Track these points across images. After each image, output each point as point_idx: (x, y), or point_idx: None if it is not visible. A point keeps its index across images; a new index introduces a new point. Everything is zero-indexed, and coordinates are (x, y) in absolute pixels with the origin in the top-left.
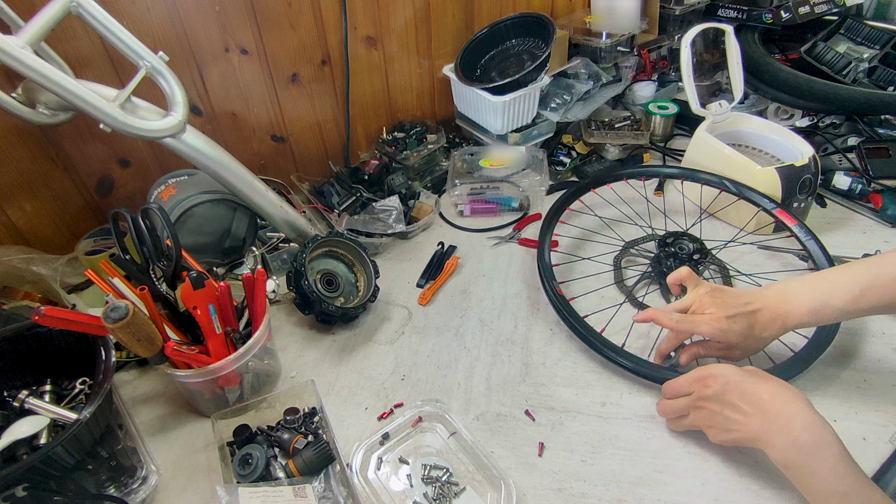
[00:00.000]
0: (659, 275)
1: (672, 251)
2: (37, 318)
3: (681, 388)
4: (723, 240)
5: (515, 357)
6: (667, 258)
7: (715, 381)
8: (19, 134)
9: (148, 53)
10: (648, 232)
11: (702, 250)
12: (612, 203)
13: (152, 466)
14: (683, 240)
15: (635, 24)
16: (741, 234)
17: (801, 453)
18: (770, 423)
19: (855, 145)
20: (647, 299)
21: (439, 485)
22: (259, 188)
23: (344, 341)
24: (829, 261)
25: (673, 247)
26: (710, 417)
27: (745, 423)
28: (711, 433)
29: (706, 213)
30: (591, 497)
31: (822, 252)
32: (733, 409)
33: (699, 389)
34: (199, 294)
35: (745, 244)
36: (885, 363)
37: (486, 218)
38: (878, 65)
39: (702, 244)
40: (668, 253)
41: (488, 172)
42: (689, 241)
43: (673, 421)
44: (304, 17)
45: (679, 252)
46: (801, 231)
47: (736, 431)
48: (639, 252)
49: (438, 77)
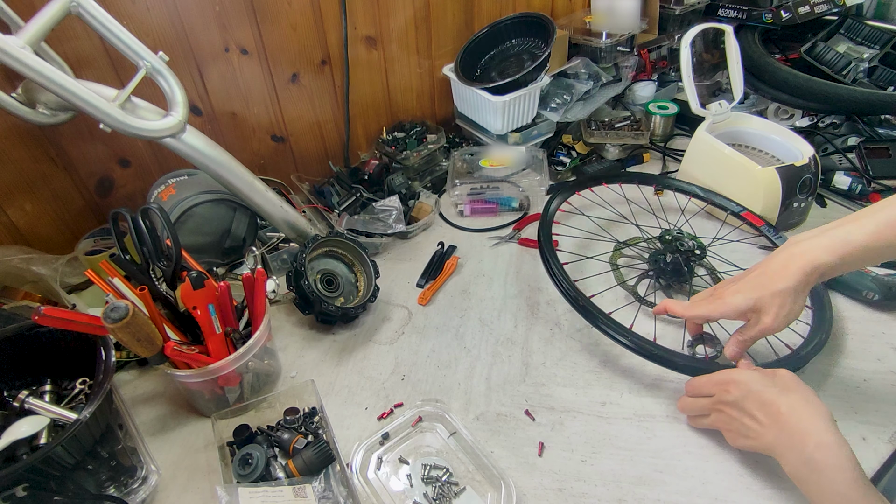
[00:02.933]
0: (658, 273)
1: (674, 247)
2: (37, 318)
3: (703, 387)
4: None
5: (515, 357)
6: (671, 254)
7: (736, 387)
8: (19, 134)
9: (148, 53)
10: (649, 232)
11: (700, 247)
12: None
13: (152, 466)
14: (682, 237)
15: (635, 24)
16: (730, 232)
17: (812, 473)
18: (784, 438)
19: (855, 145)
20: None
21: (439, 485)
22: (259, 188)
23: (344, 341)
24: None
25: (673, 244)
26: (728, 422)
27: (761, 433)
28: (729, 436)
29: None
30: (591, 497)
31: None
32: (751, 418)
33: (720, 393)
34: (199, 294)
35: (733, 241)
36: (885, 363)
37: (486, 218)
38: (878, 65)
39: (700, 242)
40: (669, 249)
41: (488, 172)
42: (688, 239)
43: (693, 419)
44: (304, 17)
45: (680, 248)
46: (769, 231)
47: (752, 439)
48: (637, 253)
49: (438, 77)
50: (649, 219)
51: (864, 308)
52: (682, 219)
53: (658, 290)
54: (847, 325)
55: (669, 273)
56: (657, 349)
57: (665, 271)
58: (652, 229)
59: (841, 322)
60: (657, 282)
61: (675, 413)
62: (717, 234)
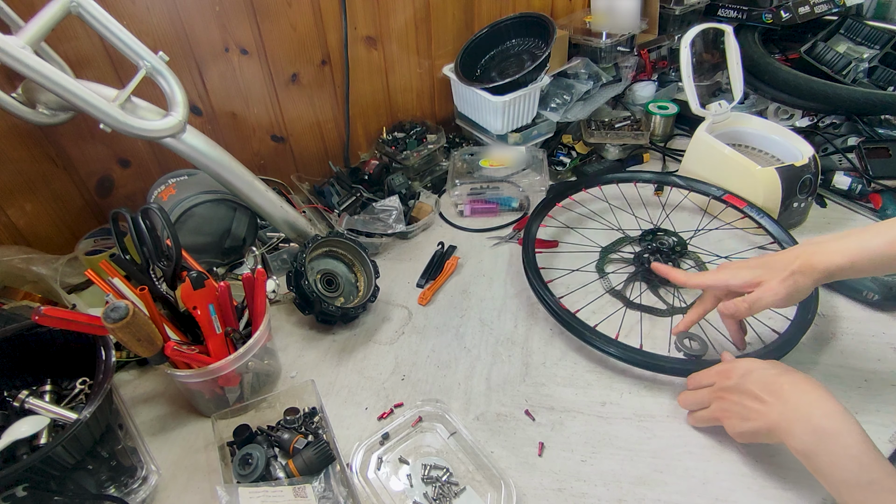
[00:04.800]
0: (645, 274)
1: (654, 247)
2: (37, 318)
3: (703, 378)
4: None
5: (515, 357)
6: (651, 254)
7: (736, 371)
8: (19, 134)
9: (148, 53)
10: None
11: (681, 243)
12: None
13: (152, 466)
14: (662, 235)
15: (635, 24)
16: (712, 221)
17: (821, 441)
18: (790, 412)
19: (855, 145)
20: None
21: (439, 485)
22: (259, 188)
23: (344, 341)
24: (788, 235)
25: (653, 243)
26: (728, 407)
27: (765, 411)
28: (729, 424)
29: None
30: (591, 497)
31: (777, 227)
32: (753, 399)
33: (721, 380)
34: (199, 294)
35: (713, 229)
36: (885, 363)
37: (487, 218)
38: (878, 65)
39: (679, 237)
40: (651, 249)
41: (488, 172)
42: (667, 236)
43: (692, 415)
44: (304, 17)
45: (660, 247)
46: (752, 211)
47: (754, 420)
48: (622, 257)
49: (438, 77)
50: (633, 219)
51: (864, 308)
52: (671, 213)
53: (646, 291)
54: (847, 326)
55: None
56: (643, 356)
57: (651, 271)
58: (636, 231)
59: (841, 322)
60: (645, 282)
61: (676, 413)
62: (698, 224)
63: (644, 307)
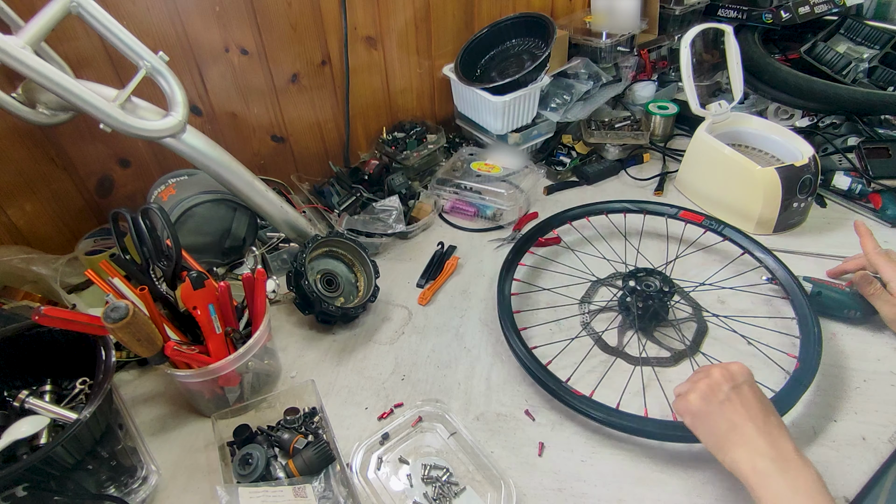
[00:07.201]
0: (635, 320)
1: (643, 294)
2: (37, 318)
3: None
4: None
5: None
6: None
7: (740, 369)
8: (19, 134)
9: (148, 53)
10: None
11: (665, 280)
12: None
13: (152, 466)
14: (648, 277)
15: (635, 24)
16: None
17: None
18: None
19: (855, 145)
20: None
21: (439, 485)
22: (259, 188)
23: (344, 341)
24: (754, 243)
25: (642, 291)
26: (712, 385)
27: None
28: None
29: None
30: (591, 497)
31: (740, 234)
32: (737, 392)
33: (722, 365)
34: (199, 294)
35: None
36: (885, 363)
37: (466, 219)
38: (878, 65)
39: (662, 274)
40: (640, 298)
41: (478, 176)
42: (649, 276)
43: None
44: (304, 17)
45: (645, 290)
46: (711, 223)
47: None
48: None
49: (438, 77)
50: (602, 263)
51: None
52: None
53: (635, 334)
54: (847, 325)
55: (649, 318)
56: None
57: (643, 317)
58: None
59: (841, 321)
60: (639, 330)
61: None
62: (678, 251)
63: (648, 360)
